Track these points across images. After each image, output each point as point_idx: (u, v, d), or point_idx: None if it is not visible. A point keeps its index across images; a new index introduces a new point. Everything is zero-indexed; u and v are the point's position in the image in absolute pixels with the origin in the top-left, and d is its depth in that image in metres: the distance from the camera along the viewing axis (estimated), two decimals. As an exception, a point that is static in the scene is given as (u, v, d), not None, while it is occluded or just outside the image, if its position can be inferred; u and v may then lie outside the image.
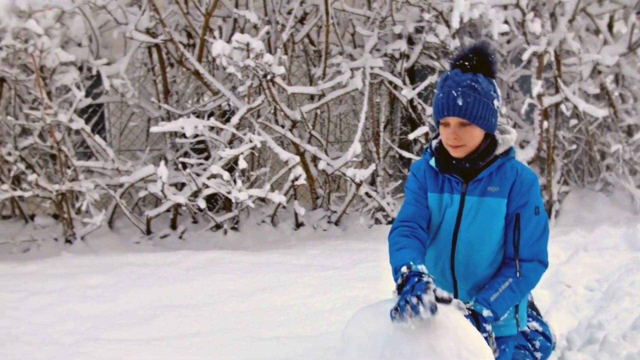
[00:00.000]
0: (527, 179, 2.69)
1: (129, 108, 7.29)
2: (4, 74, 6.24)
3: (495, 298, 2.61)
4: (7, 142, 6.54)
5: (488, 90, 2.63)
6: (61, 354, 3.61)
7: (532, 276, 2.71)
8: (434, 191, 2.79)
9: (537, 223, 2.69)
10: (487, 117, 2.62)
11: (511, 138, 2.76)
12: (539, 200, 2.72)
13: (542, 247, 2.72)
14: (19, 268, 5.57)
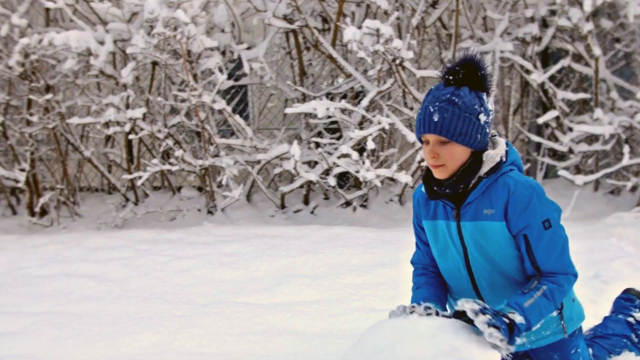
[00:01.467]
0: (521, 196, 2.42)
1: (268, 90, 7.73)
2: (155, 58, 6.84)
3: (530, 304, 2.35)
4: (157, 121, 7.17)
5: (471, 104, 2.40)
6: (195, 312, 4.07)
7: (566, 285, 2.47)
8: (427, 218, 2.64)
9: (551, 238, 2.44)
10: (469, 133, 2.39)
11: (496, 152, 2.48)
12: (544, 212, 2.44)
13: (566, 260, 2.48)
14: (166, 235, 6.17)
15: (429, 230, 2.65)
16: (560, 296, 2.44)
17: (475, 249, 2.52)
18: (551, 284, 2.42)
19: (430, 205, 2.62)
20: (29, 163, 7.36)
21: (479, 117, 2.42)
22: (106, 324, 3.93)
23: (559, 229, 2.48)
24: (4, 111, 7.39)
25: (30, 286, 4.84)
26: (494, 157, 2.46)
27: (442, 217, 2.58)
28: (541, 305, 2.38)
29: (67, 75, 7.22)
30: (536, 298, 2.37)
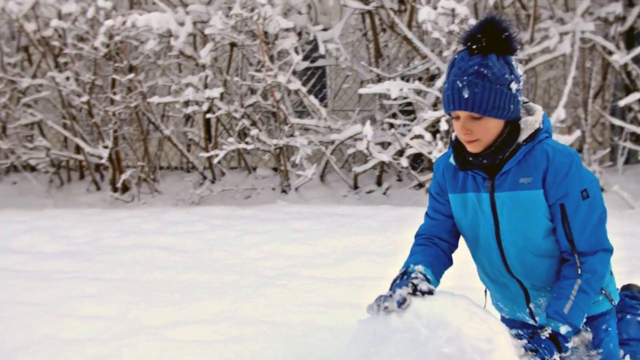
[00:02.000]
0: (561, 164, 2.27)
1: (344, 71, 7.77)
2: (233, 39, 6.98)
3: (570, 308, 2.25)
4: (234, 100, 7.32)
5: (501, 73, 2.22)
6: (262, 283, 4.17)
7: (600, 269, 2.32)
8: (455, 191, 2.48)
9: (588, 208, 2.30)
10: (502, 105, 2.23)
11: (535, 119, 2.34)
12: (583, 181, 2.30)
13: (601, 234, 2.34)
14: (239, 211, 6.32)
15: (457, 203, 2.49)
16: (597, 282, 2.32)
17: (508, 221, 2.38)
18: (585, 273, 2.29)
19: (458, 177, 2.47)
20: (112, 141, 7.64)
21: (510, 86, 2.24)
22: (175, 291, 4.08)
23: (598, 199, 2.34)
24: (89, 90, 7.69)
25: (109, 255, 5.06)
26: (533, 124, 2.32)
27: (471, 189, 2.43)
28: (581, 303, 2.27)
29: (148, 55, 7.44)
30: (574, 299, 2.27)
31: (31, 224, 6.29)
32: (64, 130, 8.23)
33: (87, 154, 8.02)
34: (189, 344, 3.23)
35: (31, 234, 5.87)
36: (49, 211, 7.14)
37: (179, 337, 3.36)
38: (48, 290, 4.20)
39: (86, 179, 8.53)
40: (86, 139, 8.14)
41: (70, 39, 7.59)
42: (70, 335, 3.41)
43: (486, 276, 2.60)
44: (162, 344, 3.26)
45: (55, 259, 5.03)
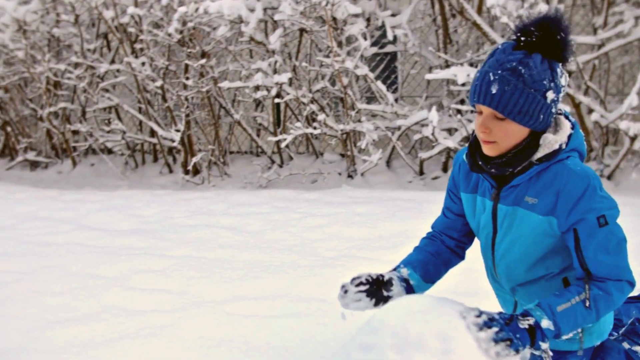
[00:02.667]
0: (574, 188, 2.05)
1: (412, 57, 7.77)
2: (302, 25, 7.08)
3: (564, 309, 1.99)
4: (302, 86, 7.43)
5: (540, 78, 2.00)
6: (320, 263, 4.27)
7: (616, 295, 2.05)
8: (467, 191, 2.36)
9: (605, 237, 2.04)
10: (531, 112, 2.02)
11: (556, 139, 2.10)
12: (600, 207, 2.05)
13: (620, 264, 2.07)
14: (304, 194, 6.44)
15: (467, 203, 2.37)
16: (606, 307, 2.05)
17: (504, 235, 2.23)
18: (597, 289, 2.03)
19: (471, 176, 2.33)
20: (185, 124, 7.87)
21: (547, 94, 2.03)
22: (237, 269, 4.22)
23: (616, 228, 2.07)
24: (163, 75, 7.93)
25: (176, 233, 5.26)
26: (552, 144, 2.09)
27: (481, 194, 2.29)
28: (577, 312, 2.00)
29: (220, 41, 7.62)
30: (574, 303, 2.01)
31: (106, 203, 6.58)
32: (139, 114, 8.52)
33: (161, 138, 8.28)
34: (246, 317, 3.36)
35: (105, 212, 6.14)
36: (123, 191, 7.44)
37: (237, 311, 3.50)
38: (118, 265, 4.42)
39: (159, 162, 8.83)
40: (160, 122, 8.40)
41: (146, 26, 7.86)
42: (135, 306, 3.60)
43: (488, 276, 2.47)
44: (220, 317, 3.40)
45: (126, 236, 5.26)
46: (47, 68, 8.57)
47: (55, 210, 6.36)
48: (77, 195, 7.32)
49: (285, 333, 3.19)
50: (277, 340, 3.10)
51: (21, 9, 8.38)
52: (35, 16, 8.59)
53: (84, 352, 3.04)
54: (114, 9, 8.06)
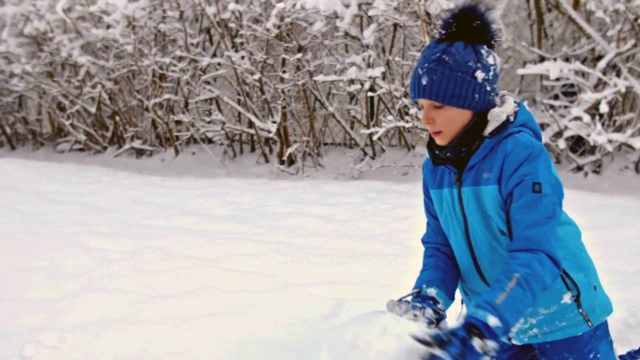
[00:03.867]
0: (517, 156, 2.07)
1: (506, 51, 7.76)
2: (395, 20, 7.21)
3: (504, 300, 1.93)
4: (395, 80, 7.57)
5: (464, 61, 2.07)
6: (404, 252, 4.43)
7: (539, 269, 1.98)
8: (433, 187, 2.32)
9: (533, 202, 2.03)
10: (463, 94, 2.08)
11: (501, 110, 2.13)
12: (538, 174, 2.05)
13: (541, 233, 2.02)
14: (394, 186, 6.60)
15: (436, 200, 2.33)
16: (537, 285, 1.99)
17: (475, 219, 2.20)
18: (523, 268, 1.98)
19: (437, 172, 2.31)
20: (281, 116, 8.16)
21: (475, 74, 2.07)
22: (325, 255, 4.44)
23: (549, 201, 2.04)
24: (261, 69, 8.24)
25: (269, 220, 5.53)
26: (499, 115, 2.12)
27: (447, 185, 2.25)
28: (516, 297, 1.95)
29: (316, 36, 7.84)
30: (509, 291, 1.95)
31: (205, 190, 6.95)
32: (238, 105, 8.87)
33: (258, 129, 8.60)
34: (328, 300, 3.56)
35: (204, 198, 6.49)
36: (221, 179, 7.81)
37: (322, 294, 3.71)
38: (214, 247, 4.72)
39: (256, 152, 9.16)
40: (257, 114, 8.72)
41: (246, 21, 8.18)
42: (228, 286, 3.87)
43: (461, 284, 2.38)
44: (306, 299, 3.63)
45: (222, 222, 5.58)
46: (153, 61, 9.05)
47: (159, 196, 6.77)
48: (179, 182, 7.74)
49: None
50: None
51: (131, 6, 8.87)
52: (144, 13, 9.07)
53: (182, 325, 3.32)
54: (216, 5, 8.42)
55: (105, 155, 10.54)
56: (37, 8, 10.24)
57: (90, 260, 4.52)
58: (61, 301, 3.77)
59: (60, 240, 5.02)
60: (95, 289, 3.96)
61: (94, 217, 5.87)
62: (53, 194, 7.04)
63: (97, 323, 3.43)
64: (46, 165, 9.59)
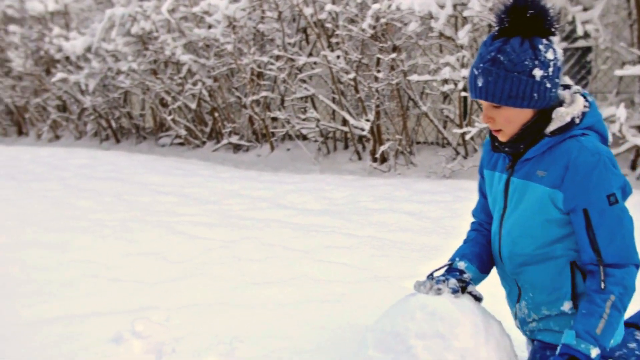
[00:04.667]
0: (583, 163, 2.02)
1: (604, 52, 7.65)
2: (490, 21, 7.22)
3: (603, 328, 1.99)
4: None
5: (520, 60, 2.02)
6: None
7: (631, 284, 2.05)
8: (488, 167, 2.39)
9: (617, 216, 2.03)
10: (521, 94, 2.04)
11: (567, 111, 2.09)
12: (610, 185, 2.02)
13: (629, 245, 2.06)
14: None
15: (488, 180, 2.40)
16: (629, 299, 2.07)
17: (513, 210, 2.26)
18: (617, 287, 2.03)
19: (493, 154, 2.37)
20: (374, 115, 8.31)
21: (533, 72, 2.03)
22: (415, 250, 4.58)
23: (623, 208, 2.06)
24: (356, 68, 8.41)
25: (362, 215, 5.70)
26: (564, 116, 2.09)
27: (499, 169, 2.32)
28: (614, 322, 2.02)
29: (410, 36, 7.94)
30: (607, 317, 2.00)
31: (299, 185, 7.19)
32: (332, 103, 9.07)
33: (352, 126, 8.78)
34: (418, 292, 3.70)
35: (298, 193, 6.73)
36: (315, 175, 8.04)
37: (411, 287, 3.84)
38: (308, 240, 4.93)
39: (350, 149, 9.35)
40: (352, 112, 8.90)
41: (342, 22, 8.37)
42: (321, 276, 4.06)
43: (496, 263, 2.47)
44: (396, 291, 3.76)
45: (316, 215, 5.78)
46: (251, 60, 9.37)
47: (255, 189, 7.06)
48: (274, 176, 8.02)
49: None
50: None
51: (231, 7, 9.22)
52: (244, 13, 9.40)
53: (277, 310, 3.53)
54: (313, 6, 8.65)
55: (204, 150, 10.97)
56: (144, 9, 10.76)
57: (192, 248, 4.82)
58: (167, 284, 4.07)
59: (165, 229, 5.35)
60: (198, 274, 4.23)
61: (195, 208, 6.19)
62: (156, 185, 7.44)
63: (199, 305, 3.69)
64: (149, 158, 10.09)
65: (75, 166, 9.14)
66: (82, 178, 8.00)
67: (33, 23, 13.43)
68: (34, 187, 7.41)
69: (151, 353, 3.20)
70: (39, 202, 6.55)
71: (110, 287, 4.06)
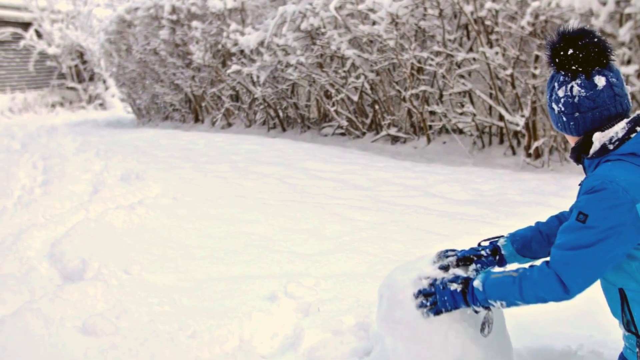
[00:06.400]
0: (588, 183, 2.13)
1: None
2: None
3: (496, 277, 2.29)
4: (650, 78, 7.47)
5: (550, 94, 2.33)
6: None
7: (540, 281, 2.18)
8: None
9: (573, 230, 2.13)
10: (557, 122, 2.34)
11: (599, 136, 2.22)
12: (591, 209, 2.09)
13: (566, 257, 2.13)
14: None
15: None
16: (528, 289, 2.21)
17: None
18: (532, 271, 2.22)
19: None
20: (530, 111, 8.40)
21: (552, 106, 2.32)
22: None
23: (589, 234, 2.10)
24: (513, 64, 8.54)
25: (507, 207, 5.92)
26: (595, 143, 2.23)
27: None
28: (503, 283, 2.27)
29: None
30: (503, 276, 2.28)
31: (450, 176, 7.48)
32: (489, 99, 9.24)
33: (507, 122, 8.92)
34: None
35: (449, 184, 7.03)
36: (467, 168, 8.29)
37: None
38: (451, 226, 5.26)
39: (504, 144, 9.47)
40: (508, 108, 9.03)
41: (501, 19, 8.52)
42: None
43: None
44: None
45: (463, 205, 6.07)
46: (412, 55, 9.73)
47: (408, 179, 7.44)
48: (427, 167, 8.35)
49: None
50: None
51: (395, 4, 9.61)
52: (406, 10, 9.76)
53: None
54: (474, 4, 8.85)
55: (364, 140, 11.47)
56: (313, 6, 11.39)
57: (344, 227, 5.29)
58: (319, 256, 4.57)
59: (321, 210, 5.87)
60: (346, 249, 4.69)
61: (350, 193, 6.68)
62: (316, 170, 8.01)
63: (345, 275, 4.15)
64: (311, 146, 10.74)
65: (245, 151, 9.95)
66: (250, 162, 8.74)
67: (213, 19, 14.50)
68: (208, 168, 8.23)
69: (300, 311, 3.70)
70: (212, 181, 7.31)
71: (269, 256, 4.62)
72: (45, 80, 26.58)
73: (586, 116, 2.24)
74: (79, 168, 8.54)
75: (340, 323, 3.40)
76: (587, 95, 2.21)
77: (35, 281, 4.19)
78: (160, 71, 17.17)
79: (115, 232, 5.21)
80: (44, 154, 10.66)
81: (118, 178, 7.62)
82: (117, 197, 6.38)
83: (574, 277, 2.13)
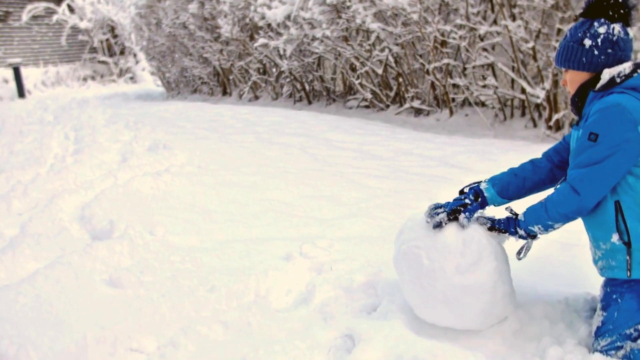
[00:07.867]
0: (598, 105, 2.50)
1: None
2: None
3: (532, 207, 2.68)
4: None
5: (575, 32, 2.61)
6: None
7: (559, 198, 2.57)
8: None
9: (586, 149, 2.49)
10: (572, 58, 2.61)
11: (609, 71, 2.55)
12: (601, 127, 2.46)
13: (583, 176, 2.50)
14: None
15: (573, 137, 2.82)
16: (553, 209, 2.60)
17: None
18: (553, 195, 2.60)
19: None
20: (551, 84, 8.47)
21: (584, 42, 2.56)
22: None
23: (599, 150, 2.47)
24: (535, 38, 8.60)
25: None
26: (605, 75, 2.55)
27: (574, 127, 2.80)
28: (535, 210, 2.66)
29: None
30: (535, 204, 2.67)
31: (469, 147, 7.62)
32: (511, 72, 9.31)
33: (529, 94, 9.00)
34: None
35: (466, 154, 7.17)
36: (487, 140, 8.41)
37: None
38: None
39: (526, 117, 9.56)
40: (530, 81, 9.10)
41: (523, -9, 8.57)
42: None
43: None
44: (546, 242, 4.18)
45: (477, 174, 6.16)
46: (435, 29, 9.82)
47: (427, 149, 7.59)
48: (448, 139, 8.49)
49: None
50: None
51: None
52: (430, -17, 9.84)
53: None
54: (497, -24, 8.91)
55: (387, 113, 11.60)
56: (339, -21, 11.51)
57: (361, 194, 5.48)
58: (334, 221, 4.77)
59: (340, 178, 6.06)
60: (361, 215, 4.89)
61: (369, 162, 6.86)
62: (338, 141, 8.20)
63: (358, 237, 4.35)
64: (335, 118, 10.91)
65: (269, 122, 10.15)
66: (274, 133, 8.95)
67: (241, -8, 14.69)
68: (233, 139, 8.45)
69: (313, 271, 3.91)
70: (237, 151, 7.53)
71: (287, 220, 4.83)
72: (77, 54, 27.02)
73: (616, 54, 2.56)
74: (108, 138, 8.83)
75: (350, 281, 3.59)
76: (624, 38, 2.55)
77: (67, 240, 4.45)
78: (189, 45, 17.41)
79: (142, 198, 5.46)
80: (76, 126, 10.99)
81: (146, 148, 7.89)
82: (145, 165, 6.64)
83: (588, 188, 2.49)
